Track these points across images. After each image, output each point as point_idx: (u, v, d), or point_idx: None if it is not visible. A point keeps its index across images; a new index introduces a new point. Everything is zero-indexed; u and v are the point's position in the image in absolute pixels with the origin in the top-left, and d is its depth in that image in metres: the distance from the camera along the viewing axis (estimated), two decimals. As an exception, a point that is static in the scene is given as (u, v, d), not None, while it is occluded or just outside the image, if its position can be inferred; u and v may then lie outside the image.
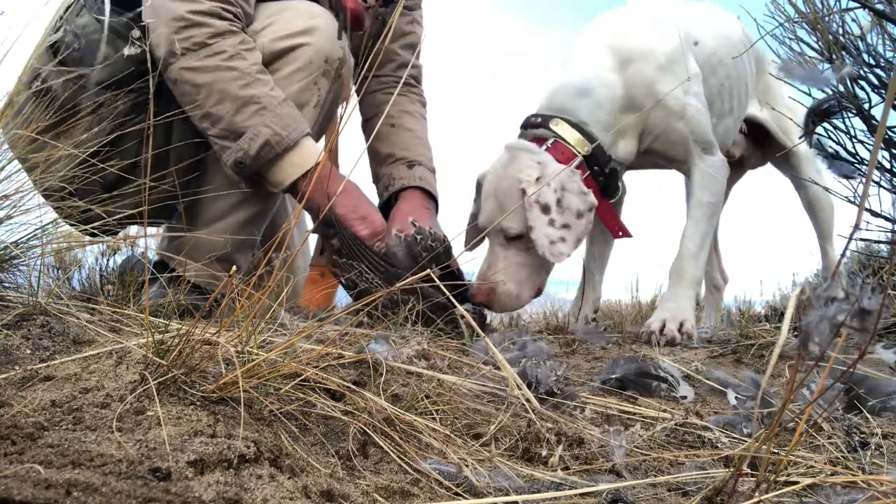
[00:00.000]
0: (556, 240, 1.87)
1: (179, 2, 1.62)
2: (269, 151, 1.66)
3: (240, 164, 1.67)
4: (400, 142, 2.10)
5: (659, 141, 2.10)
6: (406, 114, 2.16)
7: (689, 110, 2.04)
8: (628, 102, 2.03)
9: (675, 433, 1.07)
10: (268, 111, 1.66)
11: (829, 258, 2.74)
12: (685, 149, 2.10)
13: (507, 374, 1.12)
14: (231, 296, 0.98)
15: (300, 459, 0.77)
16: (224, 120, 1.65)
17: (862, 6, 1.72)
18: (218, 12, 1.66)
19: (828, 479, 0.82)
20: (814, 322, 0.55)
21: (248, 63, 1.67)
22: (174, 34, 1.62)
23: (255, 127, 1.65)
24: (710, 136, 2.11)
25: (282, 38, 1.76)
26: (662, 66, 2.03)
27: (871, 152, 1.90)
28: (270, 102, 1.67)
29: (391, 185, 2.04)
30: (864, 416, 1.14)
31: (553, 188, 1.87)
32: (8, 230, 1.29)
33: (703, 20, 2.28)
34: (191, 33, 1.63)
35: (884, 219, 1.89)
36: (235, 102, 1.65)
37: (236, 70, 1.65)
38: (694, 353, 1.74)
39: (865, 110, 1.86)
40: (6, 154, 1.34)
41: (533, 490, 0.77)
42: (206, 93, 1.65)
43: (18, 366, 0.89)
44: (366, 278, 1.71)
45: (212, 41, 1.64)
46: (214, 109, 1.65)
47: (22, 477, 0.56)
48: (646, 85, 2.01)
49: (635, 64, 2.02)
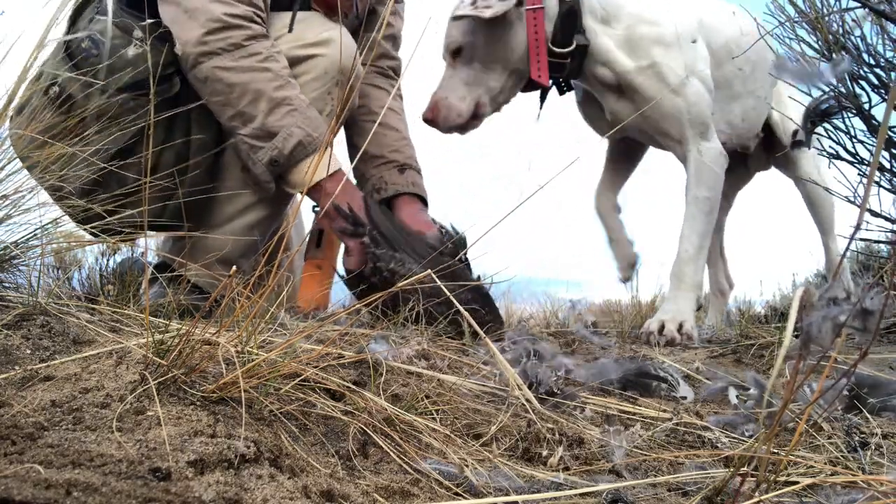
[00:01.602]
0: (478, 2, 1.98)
1: (217, 4, 1.68)
2: (301, 151, 1.72)
3: (274, 162, 1.72)
4: (387, 143, 2.12)
5: (653, 109, 2.09)
6: (391, 111, 2.19)
7: (687, 87, 2.05)
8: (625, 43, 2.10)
9: (675, 433, 1.07)
10: (299, 113, 1.72)
11: (831, 253, 2.75)
12: (680, 127, 2.09)
13: (506, 374, 1.12)
14: (231, 296, 0.98)
15: (300, 459, 0.76)
16: (257, 119, 1.70)
17: (862, 6, 1.72)
18: (251, 16, 1.73)
19: (828, 479, 0.82)
20: (816, 322, 0.55)
21: (280, 66, 1.74)
22: (209, 34, 1.67)
23: (288, 127, 1.70)
24: (708, 120, 2.10)
25: (300, 47, 1.82)
26: (668, 40, 2.06)
27: (871, 152, 1.90)
28: (301, 105, 1.73)
29: (383, 188, 2.06)
30: (864, 416, 1.14)
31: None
32: (8, 230, 1.29)
33: (719, 10, 2.30)
34: (228, 34, 1.68)
35: (884, 219, 1.89)
36: (270, 103, 1.70)
37: (271, 71, 1.71)
38: (694, 353, 1.74)
39: (865, 110, 1.86)
40: (6, 154, 1.33)
41: (533, 490, 0.77)
42: (241, 92, 1.69)
43: (18, 366, 0.89)
44: (406, 266, 1.70)
45: (247, 43, 1.70)
46: (248, 108, 1.70)
47: (22, 477, 0.56)
48: (647, 47, 2.07)
49: (644, 26, 2.08)
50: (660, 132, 2.15)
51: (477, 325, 1.69)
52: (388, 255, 1.70)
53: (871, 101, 1.85)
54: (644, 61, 2.06)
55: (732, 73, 2.26)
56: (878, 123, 1.83)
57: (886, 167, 1.86)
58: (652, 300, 2.78)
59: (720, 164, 2.11)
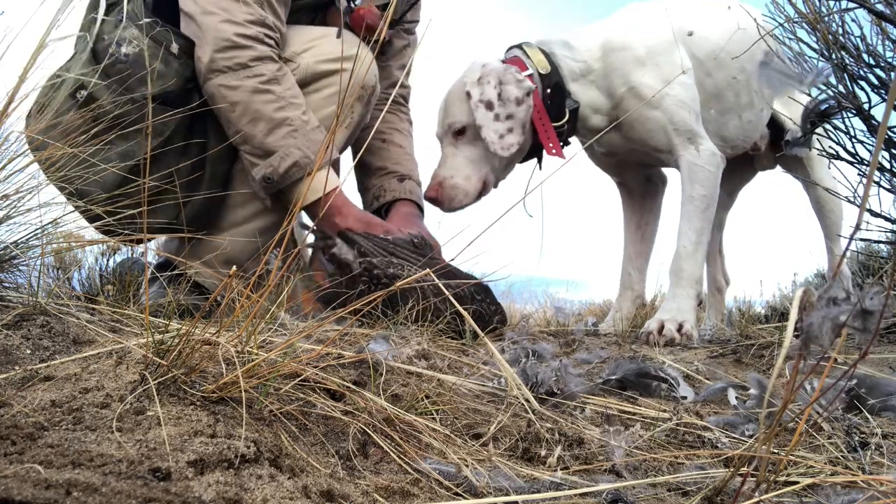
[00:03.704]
0: (503, 132, 2.02)
1: (228, 24, 1.72)
2: (297, 172, 1.76)
3: (268, 179, 1.76)
4: (391, 156, 2.21)
5: (636, 129, 2.14)
6: (396, 131, 2.28)
7: (665, 99, 2.08)
8: (602, 79, 2.15)
9: (675, 433, 1.07)
10: (299, 133, 1.76)
11: (834, 258, 2.73)
12: (666, 138, 2.12)
13: (506, 374, 1.12)
14: (231, 296, 0.98)
15: (300, 459, 0.76)
16: (256, 139, 1.75)
17: (862, 6, 1.72)
18: (261, 38, 1.76)
19: (828, 479, 0.82)
20: (816, 322, 0.55)
21: (282, 88, 1.77)
22: (217, 52, 1.71)
23: (286, 148, 1.75)
24: (693, 127, 2.11)
25: (323, 62, 1.88)
26: (640, 59, 2.10)
27: (871, 152, 1.90)
28: (303, 126, 1.77)
29: (382, 195, 2.14)
30: (864, 416, 1.14)
31: (493, 85, 2.02)
32: (8, 230, 1.29)
33: (708, 15, 2.28)
34: (234, 54, 1.72)
35: (884, 219, 1.89)
36: (269, 124, 1.74)
37: (272, 94, 1.75)
38: (694, 353, 1.74)
39: (865, 110, 1.86)
40: (6, 154, 1.33)
41: (533, 490, 0.77)
42: (241, 111, 1.74)
43: (18, 366, 0.89)
44: (403, 268, 1.72)
45: (253, 64, 1.74)
46: (247, 128, 1.74)
47: (22, 477, 0.56)
48: (622, 74, 2.11)
49: (615, 54, 2.13)
50: (649, 148, 2.18)
51: (483, 317, 1.70)
52: (385, 261, 1.70)
53: (870, 101, 1.85)
54: (623, 88, 2.10)
55: (725, 82, 2.25)
56: (878, 123, 1.83)
57: (886, 167, 1.86)
58: (652, 300, 2.79)
59: (714, 164, 2.11)
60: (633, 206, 2.54)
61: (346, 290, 1.63)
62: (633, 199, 2.55)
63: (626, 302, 2.47)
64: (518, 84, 2.03)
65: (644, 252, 2.51)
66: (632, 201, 2.55)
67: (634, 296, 2.48)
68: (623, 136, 2.19)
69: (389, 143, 2.23)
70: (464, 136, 2.09)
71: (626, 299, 2.48)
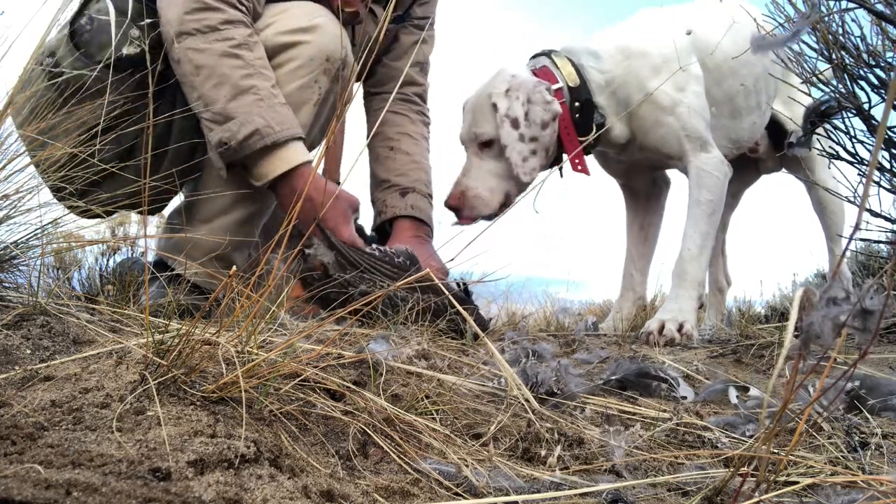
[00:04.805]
0: (527, 155, 2.03)
1: None
2: (257, 141, 1.65)
3: (223, 144, 1.66)
4: (396, 167, 2.14)
5: (650, 135, 2.15)
6: (406, 136, 2.20)
7: (679, 107, 2.09)
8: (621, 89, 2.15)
9: (675, 433, 1.07)
10: (265, 103, 1.66)
11: (835, 258, 2.73)
12: (678, 144, 2.13)
13: (505, 374, 1.12)
14: (231, 296, 0.98)
15: (300, 459, 0.76)
16: (218, 104, 1.66)
17: (861, 6, 1.72)
18: (233, 2, 1.69)
19: (828, 479, 0.82)
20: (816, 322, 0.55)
21: (253, 55, 1.69)
22: (187, 14, 1.64)
23: (247, 115, 1.65)
24: (704, 134, 2.13)
25: (284, 33, 1.77)
26: (657, 67, 2.10)
27: (871, 152, 1.90)
28: (269, 97, 1.68)
29: (384, 211, 2.10)
30: (864, 416, 1.14)
31: (521, 101, 2.01)
32: (8, 230, 1.29)
33: (719, 23, 2.28)
34: (204, 16, 1.65)
35: (884, 219, 1.89)
36: (234, 89, 1.65)
37: (241, 59, 1.66)
38: (694, 353, 1.74)
39: (865, 110, 1.85)
40: (6, 154, 1.33)
41: (533, 490, 0.77)
42: (207, 74, 1.65)
43: (18, 366, 0.89)
44: (372, 280, 1.69)
45: (223, 27, 1.66)
46: (211, 92, 1.65)
47: (22, 477, 0.56)
48: (638, 80, 2.11)
49: (633, 60, 2.12)
50: (661, 154, 2.19)
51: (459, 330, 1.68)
52: (357, 277, 1.66)
53: (870, 101, 1.85)
54: (640, 94, 2.10)
55: (734, 89, 2.27)
56: (878, 123, 1.83)
57: (886, 167, 1.86)
58: (653, 300, 2.79)
59: (721, 171, 2.13)
60: (637, 208, 2.54)
61: (318, 287, 1.60)
62: (636, 201, 2.55)
63: (626, 303, 2.47)
64: (545, 106, 2.01)
65: (646, 253, 2.51)
66: (635, 202, 2.55)
67: (636, 297, 2.48)
68: (637, 143, 2.20)
69: (397, 150, 2.17)
70: (490, 149, 2.08)
71: (626, 300, 2.47)
